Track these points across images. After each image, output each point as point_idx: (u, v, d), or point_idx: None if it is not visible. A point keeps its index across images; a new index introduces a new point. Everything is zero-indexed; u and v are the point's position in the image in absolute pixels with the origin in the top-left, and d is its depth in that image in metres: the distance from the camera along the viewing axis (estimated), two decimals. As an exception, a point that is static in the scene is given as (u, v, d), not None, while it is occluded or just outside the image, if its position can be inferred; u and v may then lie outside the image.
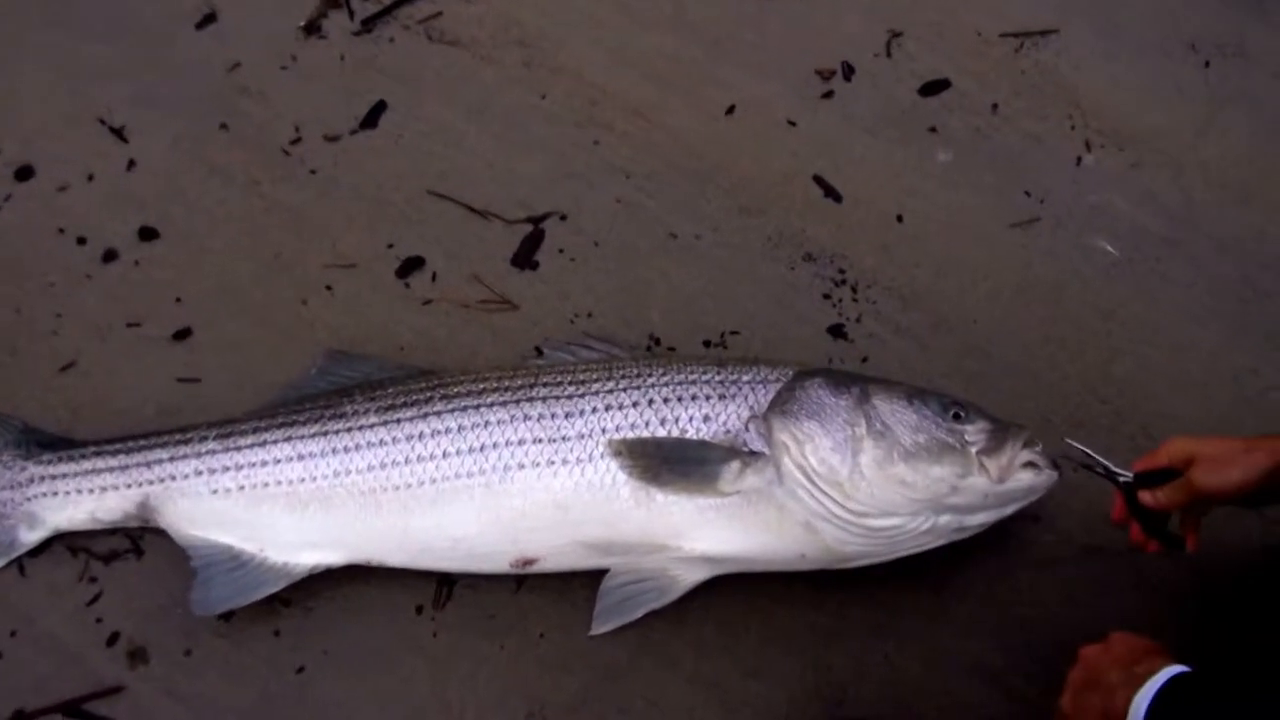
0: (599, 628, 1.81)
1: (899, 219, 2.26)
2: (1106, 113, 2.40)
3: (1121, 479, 1.66)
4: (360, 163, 2.30)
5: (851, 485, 1.66)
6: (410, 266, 2.18)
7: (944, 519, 1.71)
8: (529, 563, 1.79)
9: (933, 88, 2.41)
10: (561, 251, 2.21)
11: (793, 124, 2.36)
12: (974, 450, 1.69)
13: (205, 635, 1.84)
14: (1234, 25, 2.51)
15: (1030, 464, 1.70)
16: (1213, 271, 2.21)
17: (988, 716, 1.81)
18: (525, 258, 2.19)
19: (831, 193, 2.28)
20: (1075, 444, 1.72)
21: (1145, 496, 1.60)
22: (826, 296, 2.16)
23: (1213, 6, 2.53)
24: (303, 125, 2.33)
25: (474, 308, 2.14)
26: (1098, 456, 1.69)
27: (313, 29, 2.43)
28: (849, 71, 2.43)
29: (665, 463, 1.70)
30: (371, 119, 2.34)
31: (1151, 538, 1.65)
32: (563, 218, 2.24)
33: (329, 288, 2.16)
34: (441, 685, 1.81)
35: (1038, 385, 2.08)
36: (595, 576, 1.81)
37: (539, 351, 2.02)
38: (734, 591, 1.86)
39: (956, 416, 1.72)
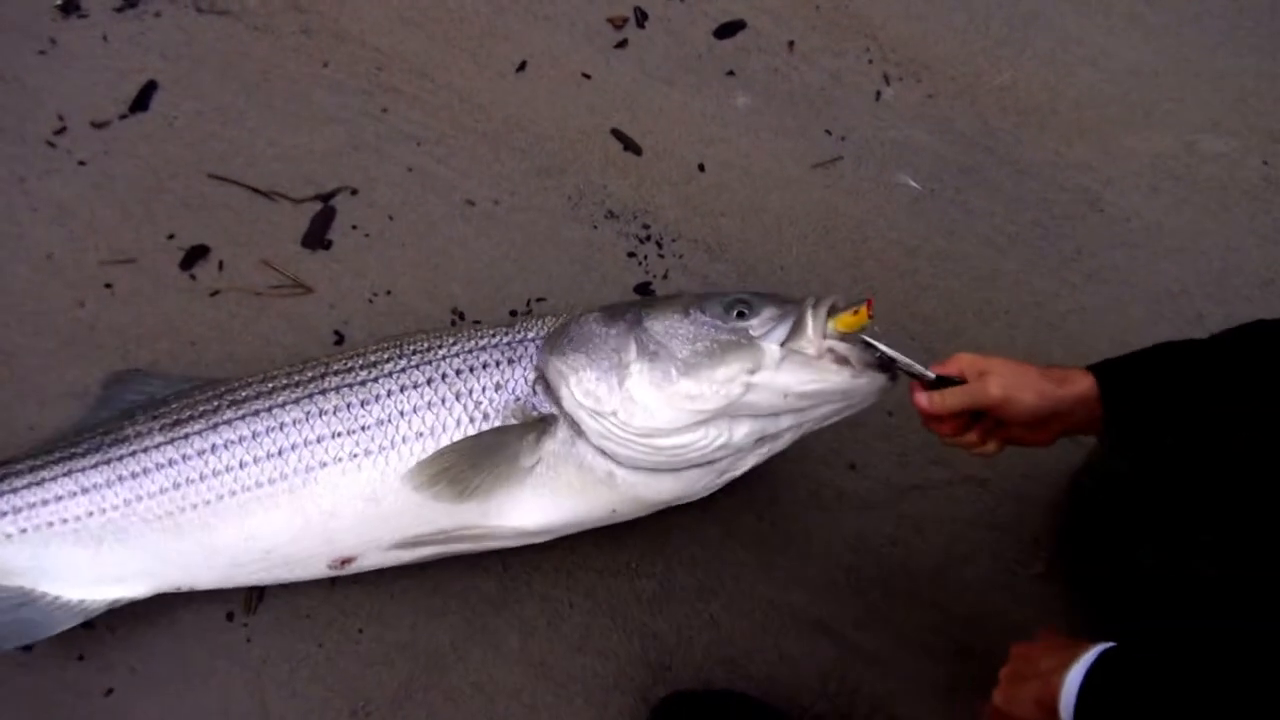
0: None
1: (701, 168, 2.22)
2: (902, 43, 2.39)
3: (925, 378, 1.54)
4: (133, 149, 2.16)
5: (626, 413, 1.59)
6: (194, 257, 2.07)
7: (741, 430, 1.64)
8: (347, 561, 1.73)
9: (728, 29, 2.37)
10: (355, 228, 2.11)
11: (587, 77, 2.29)
12: (771, 343, 1.59)
13: (5, 668, 1.76)
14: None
15: (843, 360, 1.58)
16: (1012, 198, 2.24)
17: (815, 666, 1.83)
18: (317, 238, 2.09)
19: (631, 146, 2.23)
20: (875, 342, 1.58)
21: (923, 399, 1.52)
22: (632, 255, 2.12)
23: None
24: (67, 113, 2.17)
25: (266, 295, 2.04)
26: (897, 354, 1.56)
27: (71, 8, 2.26)
28: (642, 18, 2.37)
29: (473, 469, 1.63)
30: (142, 101, 2.20)
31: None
32: (354, 192, 2.14)
33: (108, 286, 2.03)
34: (260, 691, 1.77)
35: (847, 328, 2.07)
36: (411, 566, 1.77)
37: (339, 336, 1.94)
38: (556, 567, 1.85)
39: (741, 314, 1.63)
